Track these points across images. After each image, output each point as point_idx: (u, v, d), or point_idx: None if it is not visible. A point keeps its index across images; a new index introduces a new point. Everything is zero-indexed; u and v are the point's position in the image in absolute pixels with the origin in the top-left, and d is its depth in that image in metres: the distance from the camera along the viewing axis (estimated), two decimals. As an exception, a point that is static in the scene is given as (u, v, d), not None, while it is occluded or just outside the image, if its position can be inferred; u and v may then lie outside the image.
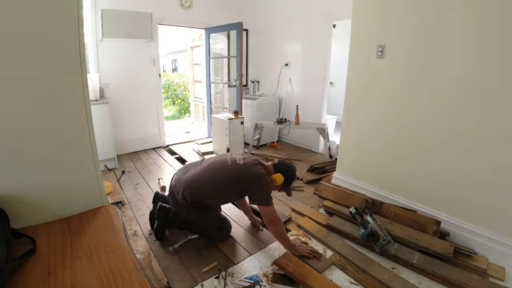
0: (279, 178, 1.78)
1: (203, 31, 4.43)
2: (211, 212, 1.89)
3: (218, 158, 1.91)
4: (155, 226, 1.87)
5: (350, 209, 1.97)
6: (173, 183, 1.84)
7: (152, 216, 1.99)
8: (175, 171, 1.96)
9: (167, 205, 1.91)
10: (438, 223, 1.85)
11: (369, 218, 1.83)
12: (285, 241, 1.74)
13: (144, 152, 3.91)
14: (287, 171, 1.82)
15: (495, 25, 1.59)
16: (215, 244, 1.84)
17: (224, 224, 1.94)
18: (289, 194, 1.90)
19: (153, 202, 2.06)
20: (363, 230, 1.80)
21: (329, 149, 3.60)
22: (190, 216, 1.84)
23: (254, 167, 1.77)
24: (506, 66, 1.57)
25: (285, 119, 3.70)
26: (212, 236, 1.88)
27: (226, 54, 4.59)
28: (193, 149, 4.05)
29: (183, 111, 8.23)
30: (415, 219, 1.93)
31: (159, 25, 3.76)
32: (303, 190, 2.72)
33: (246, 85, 4.80)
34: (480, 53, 1.66)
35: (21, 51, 1.10)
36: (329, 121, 4.05)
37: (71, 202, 1.31)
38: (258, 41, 4.59)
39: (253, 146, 3.96)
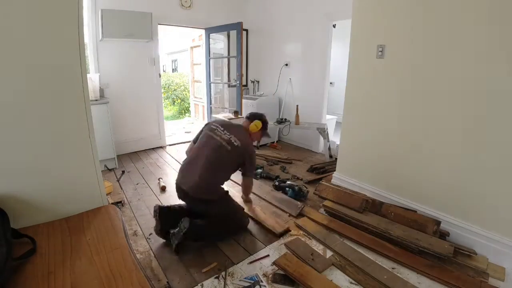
0: (258, 123, 2.04)
1: (203, 31, 4.43)
2: (231, 199, 2.03)
3: (213, 145, 1.89)
4: (176, 242, 1.69)
5: (273, 183, 2.69)
6: (187, 190, 1.80)
7: (164, 232, 1.80)
8: (177, 171, 2.00)
9: (190, 218, 1.74)
10: (438, 223, 1.85)
11: (289, 182, 2.60)
12: (248, 194, 2.30)
13: (144, 152, 3.91)
14: (260, 116, 2.16)
15: (496, 25, 1.59)
16: (215, 244, 1.84)
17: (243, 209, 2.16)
18: (269, 135, 2.37)
19: (158, 217, 1.80)
20: (291, 191, 2.48)
21: (329, 149, 3.60)
22: (223, 209, 1.91)
23: (247, 140, 2.01)
24: (507, 65, 1.57)
25: (285, 119, 3.70)
26: (242, 223, 2.00)
27: (226, 54, 4.59)
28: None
29: (182, 111, 8.23)
30: (415, 219, 1.93)
31: (159, 25, 3.76)
32: (303, 190, 2.72)
33: (246, 85, 4.80)
34: (481, 53, 1.66)
35: (21, 51, 1.10)
36: (329, 121, 4.05)
37: (71, 202, 1.31)
38: (258, 41, 4.59)
39: (253, 146, 3.95)
